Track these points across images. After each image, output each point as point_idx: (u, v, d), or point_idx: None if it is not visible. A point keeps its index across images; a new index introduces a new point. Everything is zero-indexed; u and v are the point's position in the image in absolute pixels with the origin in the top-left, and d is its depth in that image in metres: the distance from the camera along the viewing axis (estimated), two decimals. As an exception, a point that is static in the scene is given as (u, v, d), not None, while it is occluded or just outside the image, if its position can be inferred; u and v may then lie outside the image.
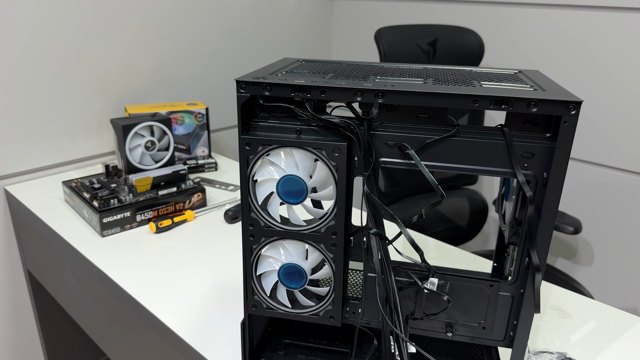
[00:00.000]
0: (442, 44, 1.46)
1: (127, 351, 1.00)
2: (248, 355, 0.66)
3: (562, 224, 1.36)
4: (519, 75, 0.62)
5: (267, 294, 0.61)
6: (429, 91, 0.50)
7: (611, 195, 1.48)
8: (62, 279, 1.15)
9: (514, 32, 1.54)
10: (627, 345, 0.77)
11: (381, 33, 1.39)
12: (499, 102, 0.49)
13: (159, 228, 1.05)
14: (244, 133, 0.55)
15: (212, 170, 1.42)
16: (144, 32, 1.39)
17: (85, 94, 1.32)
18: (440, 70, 0.64)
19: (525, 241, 0.53)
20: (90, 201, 1.06)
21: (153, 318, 0.81)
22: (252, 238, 0.59)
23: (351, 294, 0.66)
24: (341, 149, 0.53)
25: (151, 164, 1.19)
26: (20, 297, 1.35)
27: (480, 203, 1.62)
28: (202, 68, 1.57)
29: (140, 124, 1.15)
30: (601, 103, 1.43)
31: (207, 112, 1.41)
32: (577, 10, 1.41)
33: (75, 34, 1.25)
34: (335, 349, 0.69)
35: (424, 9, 1.72)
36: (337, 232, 0.56)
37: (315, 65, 0.66)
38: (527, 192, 0.51)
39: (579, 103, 0.47)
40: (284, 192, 0.56)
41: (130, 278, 0.89)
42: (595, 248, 1.57)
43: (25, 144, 1.25)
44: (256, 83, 0.53)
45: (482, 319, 0.60)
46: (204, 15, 1.52)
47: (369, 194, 0.54)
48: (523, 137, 0.52)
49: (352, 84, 0.52)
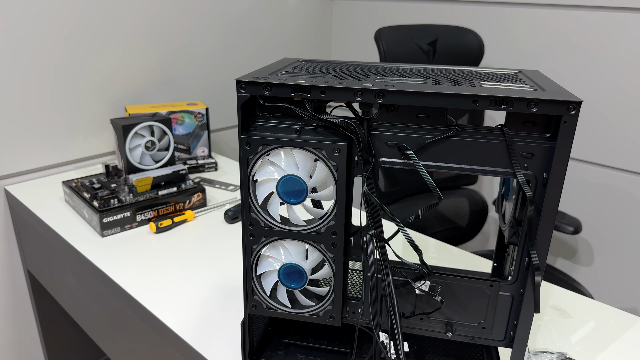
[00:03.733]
0: (442, 44, 1.46)
1: (127, 351, 1.00)
2: (248, 355, 0.66)
3: (562, 224, 1.36)
4: (519, 75, 0.62)
5: (267, 294, 0.61)
6: (428, 91, 0.50)
7: (611, 195, 1.48)
8: (62, 279, 1.15)
9: (514, 32, 1.54)
10: (627, 345, 0.77)
11: (381, 33, 1.39)
12: (499, 102, 0.49)
13: (159, 228, 1.05)
14: (244, 133, 0.55)
15: (212, 170, 1.42)
16: (144, 32, 1.39)
17: (85, 94, 1.32)
18: (440, 70, 0.64)
19: (525, 241, 0.53)
20: (90, 201, 1.06)
21: (153, 318, 0.81)
22: (252, 238, 0.59)
23: (351, 294, 0.66)
24: (341, 149, 0.53)
25: (151, 164, 1.19)
26: (20, 297, 1.35)
27: (480, 203, 1.62)
28: (202, 68, 1.57)
29: (140, 124, 1.15)
30: (601, 103, 1.43)
31: (207, 112, 1.41)
32: (577, 10, 1.41)
33: (75, 34, 1.25)
34: (335, 349, 0.69)
35: (424, 9, 1.72)
36: (337, 232, 0.56)
37: (315, 65, 0.66)
38: (527, 192, 0.51)
39: (579, 103, 0.47)
40: (284, 192, 0.56)
41: (130, 278, 0.89)
42: (595, 248, 1.57)
43: (25, 144, 1.25)
44: (256, 83, 0.53)
45: (482, 319, 0.60)
46: (204, 15, 1.52)
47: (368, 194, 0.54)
48: (523, 137, 0.52)
49: (352, 84, 0.52)
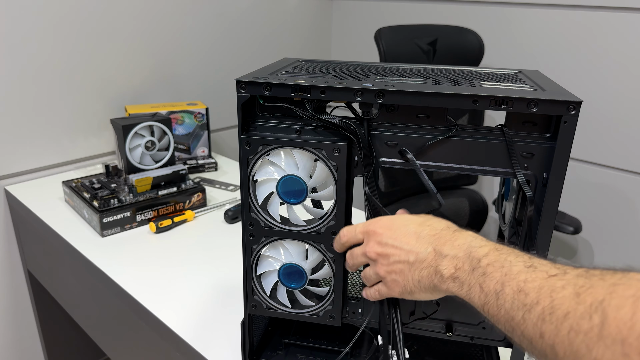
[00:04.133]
0: (442, 44, 1.46)
1: (127, 351, 1.00)
2: (248, 355, 0.66)
3: (562, 224, 1.36)
4: (519, 75, 0.62)
5: (267, 294, 0.61)
6: (428, 91, 0.50)
7: (611, 195, 1.48)
8: (62, 279, 1.15)
9: (514, 32, 1.54)
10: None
11: (381, 33, 1.39)
12: (499, 102, 0.49)
13: (159, 228, 1.05)
14: (244, 133, 0.55)
15: (212, 170, 1.42)
16: (144, 32, 1.39)
17: (86, 94, 1.32)
18: (440, 70, 0.64)
19: (525, 241, 0.53)
20: (90, 201, 1.06)
21: (153, 318, 0.81)
22: (252, 238, 0.59)
23: (351, 294, 0.66)
24: (341, 149, 0.53)
25: (151, 164, 1.19)
26: (20, 297, 1.35)
27: (480, 203, 1.62)
28: (202, 68, 1.57)
29: (140, 124, 1.15)
30: (601, 103, 1.43)
31: (207, 112, 1.41)
32: (577, 10, 1.41)
33: (75, 34, 1.25)
34: (335, 349, 0.69)
35: (424, 9, 1.72)
36: (337, 232, 0.56)
37: (315, 65, 0.66)
38: (527, 192, 0.51)
39: (579, 103, 0.47)
40: (284, 192, 0.56)
41: (130, 278, 0.89)
42: (595, 248, 1.57)
43: (25, 144, 1.25)
44: (256, 83, 0.53)
45: (482, 319, 0.60)
46: (204, 15, 1.52)
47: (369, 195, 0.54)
48: (523, 137, 0.52)
49: (352, 84, 0.52)
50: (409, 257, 0.48)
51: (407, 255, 0.49)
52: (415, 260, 0.48)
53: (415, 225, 0.50)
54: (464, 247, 0.45)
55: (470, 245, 0.45)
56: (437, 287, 0.46)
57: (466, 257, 0.44)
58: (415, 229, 0.49)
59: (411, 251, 0.48)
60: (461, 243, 0.46)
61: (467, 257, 0.44)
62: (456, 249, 0.45)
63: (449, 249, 0.46)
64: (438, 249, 0.47)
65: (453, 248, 0.46)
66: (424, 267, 0.47)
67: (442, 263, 0.46)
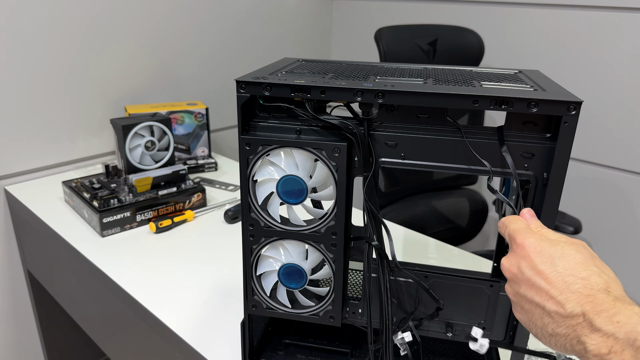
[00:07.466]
0: (442, 44, 1.46)
1: (127, 351, 1.00)
2: (248, 355, 0.66)
3: (562, 224, 1.36)
4: (519, 75, 0.62)
5: (267, 294, 0.61)
6: (428, 91, 0.50)
7: (611, 195, 1.48)
8: (62, 279, 1.15)
9: (514, 32, 1.54)
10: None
11: (381, 33, 1.39)
12: (499, 102, 0.49)
13: (159, 228, 1.05)
14: (244, 133, 0.55)
15: (212, 170, 1.42)
16: (144, 32, 1.39)
17: (85, 94, 1.32)
18: (440, 70, 0.64)
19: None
20: (90, 201, 1.06)
21: (153, 318, 0.81)
22: (252, 238, 0.59)
23: (351, 294, 0.66)
24: (341, 149, 0.53)
25: (151, 164, 1.19)
26: (20, 297, 1.35)
27: (480, 203, 1.62)
28: (202, 68, 1.57)
29: (140, 124, 1.15)
30: (601, 103, 1.43)
31: (207, 112, 1.41)
32: (577, 10, 1.41)
33: (75, 34, 1.25)
34: (335, 349, 0.69)
35: (424, 9, 1.72)
36: (337, 232, 0.56)
37: (315, 65, 0.66)
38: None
39: (579, 103, 0.47)
40: (284, 192, 0.56)
41: (130, 278, 0.89)
42: (595, 248, 1.56)
43: (25, 144, 1.25)
44: (256, 83, 0.53)
45: (482, 319, 0.60)
46: (204, 16, 1.52)
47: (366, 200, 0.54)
48: (523, 137, 0.52)
49: (352, 84, 0.52)
50: (547, 304, 0.41)
51: (544, 301, 0.41)
52: (553, 312, 0.40)
53: (566, 267, 0.41)
54: (627, 328, 0.36)
55: (636, 330, 0.36)
56: (572, 352, 0.40)
57: (627, 343, 0.36)
58: (564, 274, 0.41)
59: (552, 299, 0.41)
60: (623, 321, 0.37)
61: (628, 344, 0.36)
62: (615, 326, 0.37)
63: (604, 322, 0.37)
64: (589, 316, 0.38)
65: (611, 324, 0.37)
66: (563, 325, 0.40)
67: (591, 336, 0.38)
